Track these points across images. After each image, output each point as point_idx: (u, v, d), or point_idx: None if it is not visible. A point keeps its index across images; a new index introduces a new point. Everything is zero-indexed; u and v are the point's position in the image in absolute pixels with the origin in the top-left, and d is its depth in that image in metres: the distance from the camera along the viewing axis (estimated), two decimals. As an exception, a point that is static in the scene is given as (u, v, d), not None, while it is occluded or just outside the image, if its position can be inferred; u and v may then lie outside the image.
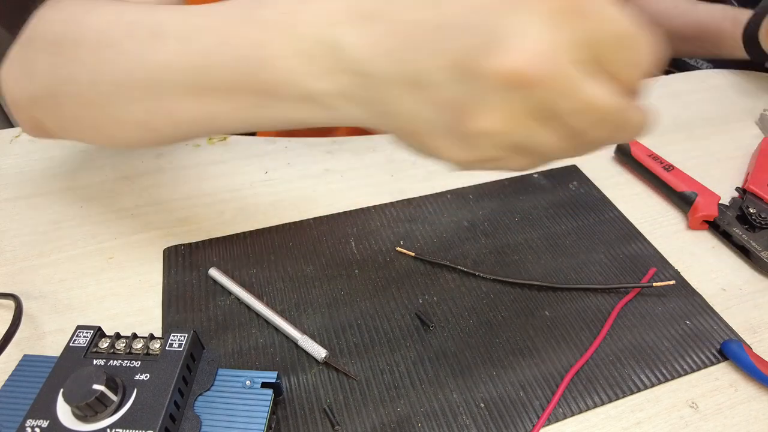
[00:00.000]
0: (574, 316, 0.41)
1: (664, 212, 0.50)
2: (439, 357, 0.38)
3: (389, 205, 0.50)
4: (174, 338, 0.33)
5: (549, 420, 0.35)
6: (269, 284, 0.43)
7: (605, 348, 0.39)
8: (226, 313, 0.41)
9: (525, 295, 0.42)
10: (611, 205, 0.51)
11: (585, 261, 0.45)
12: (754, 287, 0.44)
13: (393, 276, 0.44)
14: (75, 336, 0.33)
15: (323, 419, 0.35)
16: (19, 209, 0.48)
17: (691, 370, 0.38)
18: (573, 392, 0.36)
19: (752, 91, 0.67)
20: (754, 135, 0.60)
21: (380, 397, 0.36)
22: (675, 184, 0.50)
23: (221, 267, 0.43)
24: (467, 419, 0.35)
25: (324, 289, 0.43)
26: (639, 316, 0.41)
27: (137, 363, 0.32)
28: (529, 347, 0.39)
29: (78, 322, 0.40)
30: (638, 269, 0.44)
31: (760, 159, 0.54)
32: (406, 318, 0.41)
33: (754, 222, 0.47)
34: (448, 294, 0.42)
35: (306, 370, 0.37)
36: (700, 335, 0.40)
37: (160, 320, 0.40)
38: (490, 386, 0.37)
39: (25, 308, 0.40)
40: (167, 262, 0.44)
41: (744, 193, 0.50)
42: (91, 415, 0.29)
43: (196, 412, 0.32)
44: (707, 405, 0.36)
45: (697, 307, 0.42)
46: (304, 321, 0.40)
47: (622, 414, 0.36)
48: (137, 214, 0.48)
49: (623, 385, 0.37)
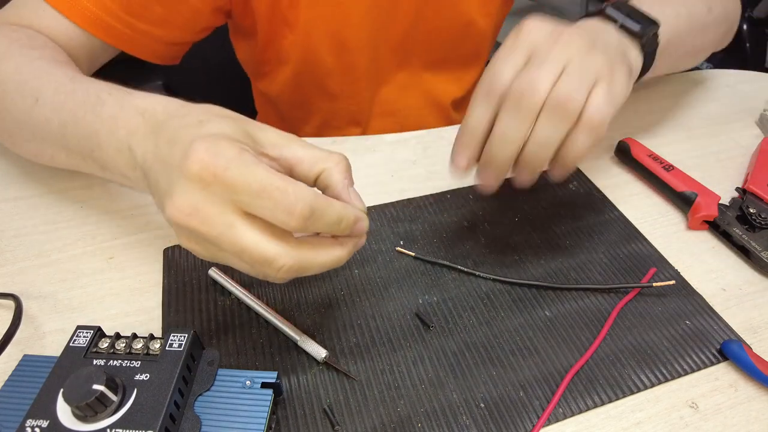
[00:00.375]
0: (574, 316, 0.41)
1: (664, 212, 0.50)
2: (439, 357, 0.38)
3: (389, 205, 0.50)
4: (174, 338, 0.33)
5: (549, 420, 0.35)
6: (269, 284, 0.43)
7: (605, 348, 0.39)
8: (226, 313, 0.41)
9: (525, 295, 0.42)
10: (611, 205, 0.51)
11: (585, 261, 0.45)
12: (754, 287, 0.44)
13: (393, 276, 0.44)
14: (75, 336, 0.33)
15: (323, 419, 0.35)
16: (19, 209, 0.48)
17: (691, 370, 0.38)
18: (573, 392, 0.36)
19: (752, 91, 0.67)
20: (754, 135, 0.60)
21: (380, 397, 0.36)
22: (675, 184, 0.50)
23: (221, 267, 0.43)
24: (467, 419, 0.35)
25: (324, 289, 0.43)
26: (639, 316, 0.41)
27: (137, 363, 0.32)
28: (529, 347, 0.39)
29: (78, 322, 0.40)
30: (638, 269, 0.44)
31: (760, 159, 0.53)
32: (406, 318, 0.41)
33: (754, 222, 0.47)
34: (448, 294, 0.42)
35: (306, 370, 0.37)
36: (700, 335, 0.40)
37: (160, 320, 0.40)
38: (490, 386, 0.37)
39: (25, 308, 0.40)
40: (167, 262, 0.44)
41: (744, 193, 0.50)
42: (91, 415, 0.29)
43: (196, 412, 0.32)
44: (707, 405, 0.36)
45: (697, 307, 0.42)
46: (304, 321, 0.40)
47: (622, 414, 0.36)
48: (137, 214, 0.48)
49: (623, 385, 0.37)
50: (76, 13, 0.49)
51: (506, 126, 0.35)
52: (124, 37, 0.52)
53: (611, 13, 0.43)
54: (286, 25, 0.61)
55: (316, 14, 0.60)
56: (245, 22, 0.63)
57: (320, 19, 0.60)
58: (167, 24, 0.55)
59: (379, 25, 0.63)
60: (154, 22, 0.53)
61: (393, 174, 0.54)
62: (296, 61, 0.64)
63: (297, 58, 0.64)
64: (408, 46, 0.66)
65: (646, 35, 0.43)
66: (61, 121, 0.40)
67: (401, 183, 0.53)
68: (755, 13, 1.64)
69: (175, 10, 0.54)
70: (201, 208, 0.28)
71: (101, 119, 0.37)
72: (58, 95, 0.40)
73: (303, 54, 0.63)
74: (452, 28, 0.66)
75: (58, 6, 0.49)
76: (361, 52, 0.64)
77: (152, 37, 0.54)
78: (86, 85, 0.40)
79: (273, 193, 0.28)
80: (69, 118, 0.39)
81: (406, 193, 0.51)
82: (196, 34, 0.59)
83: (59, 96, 0.40)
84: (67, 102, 0.40)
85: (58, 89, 0.41)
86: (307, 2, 0.59)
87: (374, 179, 0.53)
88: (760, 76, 0.70)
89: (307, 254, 0.31)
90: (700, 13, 0.53)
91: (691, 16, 0.51)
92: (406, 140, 0.58)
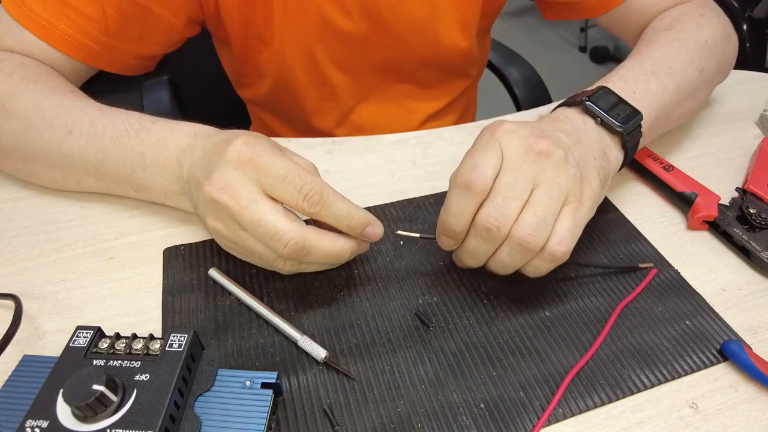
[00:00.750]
0: (574, 316, 0.41)
1: (664, 212, 0.50)
2: (439, 357, 0.38)
3: (389, 205, 0.50)
4: (174, 338, 0.33)
5: (549, 420, 0.35)
6: (269, 284, 0.43)
7: (605, 348, 0.39)
8: (226, 313, 0.41)
9: (525, 295, 0.42)
10: (611, 205, 0.51)
11: (585, 261, 0.45)
12: (754, 287, 0.44)
13: (393, 276, 0.44)
14: (75, 336, 0.33)
15: (323, 420, 0.35)
16: (19, 209, 0.48)
17: (691, 370, 0.38)
18: (573, 392, 0.36)
19: (752, 91, 0.67)
20: (754, 135, 0.60)
21: (380, 398, 0.36)
22: (675, 185, 0.50)
23: (221, 267, 0.43)
24: (467, 419, 0.35)
25: (324, 289, 0.43)
26: (639, 317, 0.41)
27: (137, 363, 0.32)
28: (529, 347, 0.39)
29: (78, 322, 0.40)
30: (638, 269, 0.44)
31: (760, 159, 0.53)
32: (406, 318, 0.41)
33: (754, 222, 0.47)
34: (448, 294, 0.42)
35: (306, 371, 0.37)
36: (700, 335, 0.40)
37: (160, 320, 0.40)
38: (490, 386, 0.37)
39: (25, 308, 0.40)
40: (167, 262, 0.44)
41: (744, 193, 0.50)
42: (91, 415, 0.29)
43: (195, 412, 0.32)
44: (707, 405, 0.36)
45: (697, 307, 0.42)
46: (304, 321, 0.40)
47: (622, 414, 0.36)
48: (137, 214, 0.48)
49: (623, 386, 0.37)
50: (55, 38, 0.50)
51: (476, 247, 0.38)
52: (104, 57, 0.53)
53: (591, 107, 0.43)
54: (261, 42, 0.61)
55: (289, 34, 0.60)
56: (219, 34, 0.63)
57: (294, 39, 0.61)
58: (144, 40, 0.55)
59: (355, 48, 0.62)
60: (131, 39, 0.54)
61: (393, 174, 0.54)
62: (273, 75, 0.65)
63: (274, 73, 0.64)
64: (388, 67, 0.66)
65: (627, 131, 0.43)
66: (98, 149, 0.44)
67: (401, 183, 0.53)
68: (755, 13, 1.64)
69: (150, 27, 0.54)
70: (233, 184, 0.35)
71: (147, 143, 0.43)
72: (95, 126, 0.44)
73: (279, 70, 0.64)
74: (434, 52, 0.65)
75: (36, 31, 0.49)
76: (337, 72, 0.65)
77: (129, 54, 0.55)
78: (123, 116, 0.45)
79: (294, 179, 0.36)
80: (109, 145, 0.44)
81: (406, 193, 0.51)
82: (171, 46, 0.59)
83: (97, 126, 0.44)
84: (106, 131, 0.44)
85: (94, 121, 0.45)
86: (281, 21, 0.59)
87: (374, 179, 0.53)
88: (760, 76, 0.70)
89: (312, 236, 0.36)
90: (690, 78, 0.51)
91: (679, 87, 0.49)
92: (406, 140, 0.58)
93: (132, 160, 0.43)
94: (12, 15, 0.49)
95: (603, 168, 0.41)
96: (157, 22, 0.54)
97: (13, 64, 0.48)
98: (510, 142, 0.38)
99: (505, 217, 0.36)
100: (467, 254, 0.39)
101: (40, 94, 0.46)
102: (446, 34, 0.63)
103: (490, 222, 0.36)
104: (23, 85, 0.46)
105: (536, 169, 0.37)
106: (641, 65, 0.49)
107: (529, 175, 0.37)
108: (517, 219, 0.36)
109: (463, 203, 0.37)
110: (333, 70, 0.64)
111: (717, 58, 0.54)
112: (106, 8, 0.50)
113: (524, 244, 0.36)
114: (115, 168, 0.44)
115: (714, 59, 0.53)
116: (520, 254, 0.37)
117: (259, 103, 0.72)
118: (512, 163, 0.37)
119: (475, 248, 0.38)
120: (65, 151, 0.45)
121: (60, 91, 0.47)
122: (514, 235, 0.36)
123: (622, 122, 0.42)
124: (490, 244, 0.37)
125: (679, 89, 0.49)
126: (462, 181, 0.37)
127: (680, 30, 0.53)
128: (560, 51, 2.57)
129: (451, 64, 0.68)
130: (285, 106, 0.69)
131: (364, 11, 0.59)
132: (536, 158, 0.37)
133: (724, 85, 0.65)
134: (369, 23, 0.60)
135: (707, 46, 0.53)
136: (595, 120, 0.43)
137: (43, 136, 0.45)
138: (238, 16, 0.58)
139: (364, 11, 0.59)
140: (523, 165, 0.37)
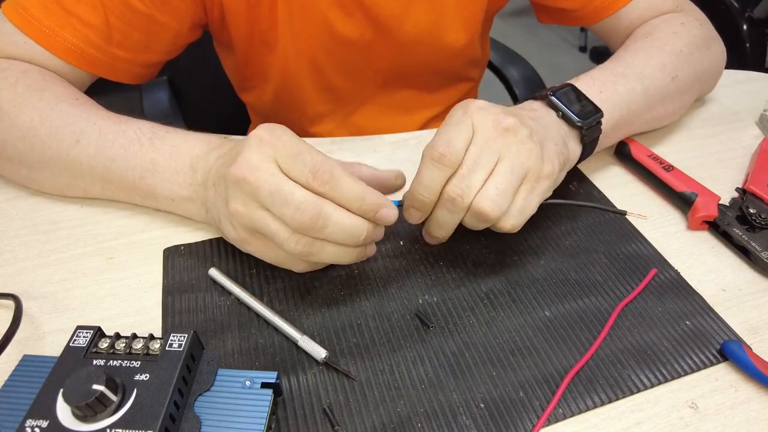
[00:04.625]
0: (574, 316, 0.41)
1: (664, 213, 0.50)
2: (438, 357, 0.38)
3: (389, 205, 0.50)
4: (174, 338, 0.33)
5: (549, 420, 0.35)
6: (269, 284, 0.43)
7: (605, 348, 0.39)
8: (226, 313, 0.41)
9: (525, 295, 0.42)
10: (611, 205, 0.51)
11: (585, 261, 0.45)
12: (754, 287, 0.44)
13: (393, 276, 0.44)
14: (75, 336, 0.33)
15: (323, 419, 0.35)
16: (19, 209, 0.48)
17: (691, 370, 0.38)
18: (573, 392, 0.36)
19: (752, 91, 0.67)
20: (754, 135, 0.60)
21: (380, 398, 0.36)
22: (675, 185, 0.50)
23: (221, 267, 0.43)
24: (467, 419, 0.35)
25: (324, 289, 0.43)
26: (639, 317, 0.41)
27: (137, 363, 0.32)
28: (529, 347, 0.39)
29: (78, 322, 0.40)
30: (638, 269, 0.44)
31: (760, 159, 0.53)
32: (406, 318, 0.41)
33: (754, 222, 0.47)
34: (448, 294, 0.42)
35: (306, 371, 0.37)
36: (700, 335, 0.40)
37: (160, 320, 0.40)
38: (490, 386, 0.37)
39: (25, 308, 0.40)
40: (167, 262, 0.44)
41: (744, 193, 0.50)
42: (90, 415, 0.29)
43: (195, 412, 0.32)
44: (707, 405, 0.36)
45: (697, 307, 0.42)
46: (304, 321, 0.40)
47: (622, 414, 0.36)
48: (137, 214, 0.48)
49: (623, 386, 0.37)
50: (58, 46, 0.49)
51: (441, 217, 0.41)
52: (107, 66, 0.53)
53: (554, 101, 0.46)
54: (265, 47, 0.61)
55: (293, 40, 0.60)
56: (222, 38, 0.63)
57: (298, 45, 0.61)
58: (149, 49, 0.55)
59: (360, 55, 0.63)
60: (135, 49, 0.53)
61: (393, 174, 0.54)
62: (276, 80, 0.65)
63: (277, 78, 0.64)
64: (392, 74, 0.66)
65: (586, 126, 0.45)
66: (107, 157, 0.44)
67: (401, 183, 0.52)
68: (755, 13, 1.64)
69: (155, 36, 0.54)
70: (254, 164, 0.36)
71: (161, 150, 0.44)
72: (105, 135, 0.45)
73: (282, 75, 0.64)
74: (438, 58, 0.65)
75: (39, 39, 0.49)
76: (340, 78, 0.65)
77: (133, 63, 0.55)
78: (136, 125, 0.46)
79: (305, 157, 0.36)
80: (119, 153, 0.44)
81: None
82: (175, 53, 0.59)
83: (107, 135, 0.45)
84: (116, 139, 0.44)
85: (103, 130, 0.45)
86: (286, 27, 0.59)
87: (374, 179, 0.53)
88: (760, 76, 0.70)
89: (329, 206, 0.36)
90: (660, 84, 0.52)
91: (647, 91, 0.51)
92: (406, 140, 0.58)
93: (142, 166, 0.44)
94: (14, 22, 0.48)
95: (563, 153, 0.44)
96: (162, 30, 0.54)
97: (16, 73, 0.47)
98: (481, 119, 0.40)
99: (469, 188, 0.39)
100: (435, 225, 0.42)
101: (45, 104, 0.46)
102: (451, 40, 0.64)
103: (455, 192, 0.39)
104: (28, 95, 0.46)
105: (502, 144, 0.39)
106: (613, 68, 0.52)
107: (494, 148, 0.39)
108: (479, 190, 0.39)
109: (435, 175, 0.39)
110: (336, 76, 0.65)
111: (693, 67, 0.55)
112: (110, 17, 0.50)
113: (483, 215, 0.39)
114: (123, 175, 0.44)
115: (689, 68, 0.55)
116: (479, 222, 0.40)
117: (260, 106, 0.72)
118: (481, 136, 0.40)
119: (441, 219, 0.41)
120: (72, 160, 0.45)
121: (66, 99, 0.47)
122: (475, 205, 0.39)
123: (581, 117, 0.45)
124: (455, 214, 0.40)
125: (647, 93, 0.52)
126: (435, 154, 0.39)
127: (657, 38, 0.55)
128: (560, 51, 2.57)
129: (454, 69, 0.69)
130: (287, 110, 0.69)
131: (368, 19, 0.59)
132: (503, 133, 0.40)
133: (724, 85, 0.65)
134: (373, 30, 0.60)
135: (682, 55, 0.54)
136: (557, 113, 0.46)
137: (50, 146, 0.45)
138: (243, 21, 0.58)
139: (368, 19, 0.59)
140: (490, 139, 0.39)
